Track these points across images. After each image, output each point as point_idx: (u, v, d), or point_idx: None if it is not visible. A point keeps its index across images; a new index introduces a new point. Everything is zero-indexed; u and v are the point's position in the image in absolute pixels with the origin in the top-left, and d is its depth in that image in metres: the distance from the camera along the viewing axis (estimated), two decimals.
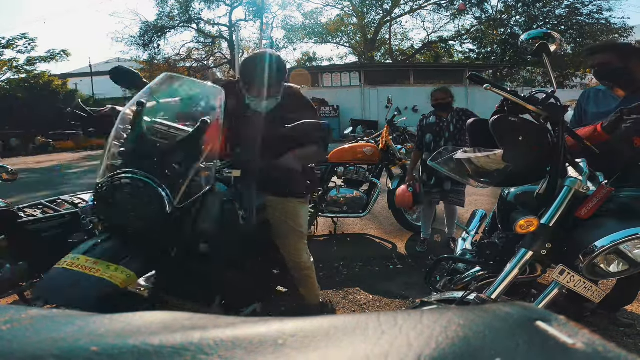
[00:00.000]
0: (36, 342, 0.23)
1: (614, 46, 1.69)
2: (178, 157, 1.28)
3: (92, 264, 1.13)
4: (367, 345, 0.22)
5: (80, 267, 1.12)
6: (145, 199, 1.19)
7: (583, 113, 1.81)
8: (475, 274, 1.52)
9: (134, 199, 1.18)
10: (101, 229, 1.35)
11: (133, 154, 1.26)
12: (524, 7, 21.21)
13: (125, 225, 1.21)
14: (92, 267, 1.13)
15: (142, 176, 1.19)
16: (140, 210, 1.19)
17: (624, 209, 1.16)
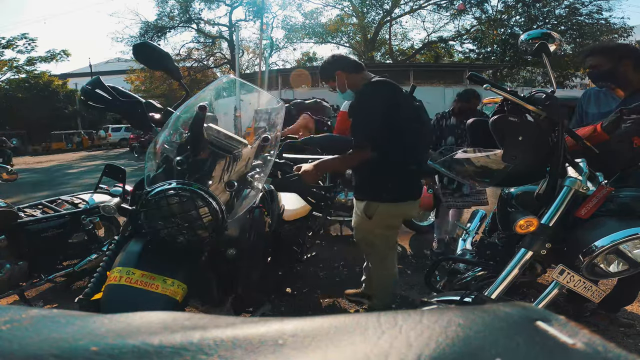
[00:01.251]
0: (36, 342, 0.23)
1: (602, 49, 1.69)
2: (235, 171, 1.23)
3: (149, 279, 1.09)
4: (367, 345, 0.22)
5: (140, 284, 1.07)
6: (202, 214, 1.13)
7: (584, 113, 1.82)
8: (475, 274, 1.52)
9: (191, 213, 1.12)
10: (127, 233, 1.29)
11: (192, 164, 1.17)
12: (524, 7, 21.21)
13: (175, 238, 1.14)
14: (151, 282, 1.08)
15: (202, 190, 1.13)
16: (196, 224, 1.13)
17: (624, 208, 1.16)
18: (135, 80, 27.14)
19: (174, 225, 1.12)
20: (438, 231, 3.22)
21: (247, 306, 1.63)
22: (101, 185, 2.97)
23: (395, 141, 1.61)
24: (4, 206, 2.17)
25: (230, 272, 1.40)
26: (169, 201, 1.11)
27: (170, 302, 1.08)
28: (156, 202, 1.12)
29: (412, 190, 1.83)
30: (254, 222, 1.43)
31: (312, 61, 28.62)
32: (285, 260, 1.95)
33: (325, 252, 3.26)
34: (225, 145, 1.22)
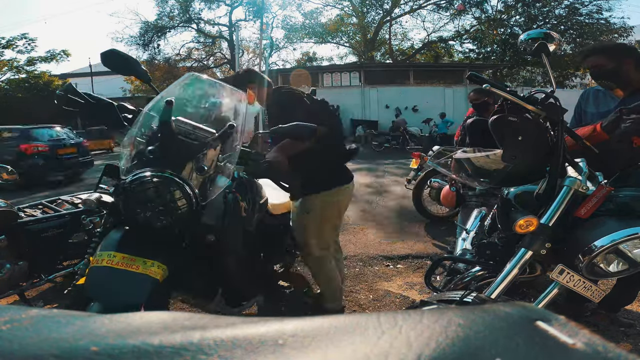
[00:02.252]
0: (36, 342, 0.23)
1: (604, 48, 1.70)
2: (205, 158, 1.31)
3: (129, 261, 1.14)
4: (367, 345, 0.22)
5: (121, 265, 1.13)
6: (176, 197, 1.20)
7: (582, 113, 1.82)
8: (475, 274, 1.52)
9: (166, 198, 1.20)
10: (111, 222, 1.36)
11: (163, 152, 1.26)
12: (524, 7, 21.20)
13: (153, 222, 1.20)
14: (131, 263, 1.14)
15: (174, 176, 1.21)
16: (171, 208, 1.20)
17: (624, 208, 1.16)
18: (135, 80, 27.15)
19: (150, 210, 1.19)
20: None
21: (237, 299, 1.65)
22: (101, 185, 2.97)
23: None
24: (4, 206, 2.17)
25: (215, 262, 1.45)
26: (144, 187, 1.18)
27: (151, 281, 1.13)
28: (132, 189, 1.18)
29: (340, 178, 1.95)
30: (228, 207, 1.48)
31: (312, 61, 28.62)
32: (276, 254, 2.02)
33: None
34: (192, 134, 1.31)
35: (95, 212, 2.65)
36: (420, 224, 4.01)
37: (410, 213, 4.47)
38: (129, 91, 30.00)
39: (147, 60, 24.12)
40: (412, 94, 15.95)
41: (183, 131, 1.31)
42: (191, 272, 1.42)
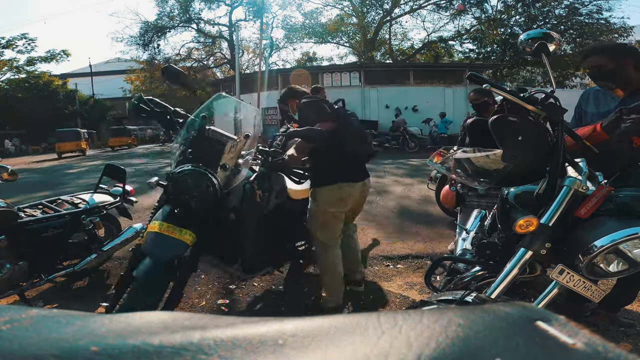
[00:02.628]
0: (36, 342, 0.23)
1: (603, 48, 1.70)
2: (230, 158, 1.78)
3: (170, 229, 1.60)
4: (367, 345, 0.22)
5: (165, 231, 1.59)
6: (206, 186, 1.66)
7: (583, 113, 1.82)
8: (475, 274, 1.52)
9: (198, 185, 1.65)
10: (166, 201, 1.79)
11: (198, 153, 1.74)
12: (524, 7, 21.20)
13: (189, 202, 1.65)
14: (172, 230, 1.60)
15: (205, 170, 1.68)
16: (202, 193, 1.65)
17: (624, 208, 1.16)
18: (135, 80, 27.14)
19: (186, 193, 1.65)
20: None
21: (252, 267, 2.09)
22: (101, 185, 2.97)
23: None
24: (4, 206, 2.17)
25: (234, 236, 1.92)
26: (184, 177, 1.66)
27: (183, 245, 1.61)
28: (176, 178, 1.66)
29: (346, 175, 2.17)
30: (245, 194, 1.95)
31: (312, 61, 28.62)
32: (294, 232, 2.41)
33: None
34: (220, 140, 1.78)
35: (95, 213, 2.65)
36: (420, 224, 4.01)
37: (410, 213, 4.48)
38: (128, 91, 30.00)
39: (147, 60, 24.08)
40: (412, 94, 15.94)
41: (213, 137, 1.77)
42: (216, 242, 1.88)
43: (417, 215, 4.35)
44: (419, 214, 4.43)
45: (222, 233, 1.88)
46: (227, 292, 2.57)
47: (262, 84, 16.34)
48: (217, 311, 2.33)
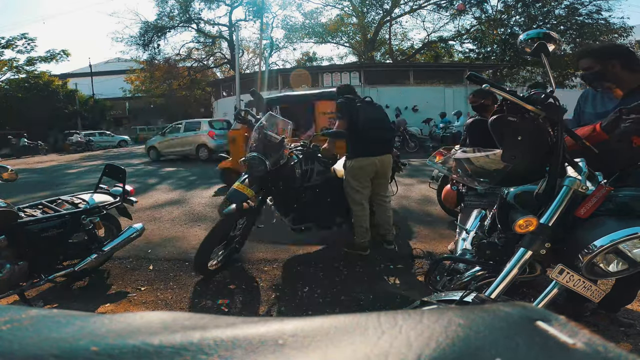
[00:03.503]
0: (36, 342, 0.23)
1: (590, 51, 1.70)
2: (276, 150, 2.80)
3: (242, 187, 2.69)
4: (367, 345, 0.22)
5: (238, 187, 2.69)
6: (260, 165, 2.69)
7: (581, 113, 1.82)
8: (474, 274, 1.52)
9: (256, 165, 2.70)
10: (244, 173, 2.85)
11: (260, 145, 2.76)
12: (524, 7, 21.20)
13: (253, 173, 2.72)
14: (243, 187, 2.69)
15: (262, 156, 2.70)
16: (257, 170, 2.70)
17: (623, 208, 1.16)
18: (135, 80, 27.15)
19: (252, 168, 2.71)
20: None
21: (298, 221, 3.13)
22: (101, 185, 2.97)
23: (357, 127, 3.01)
24: (4, 206, 2.17)
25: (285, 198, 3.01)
26: (251, 160, 2.70)
27: (244, 195, 2.65)
28: (247, 160, 2.72)
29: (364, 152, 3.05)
30: (286, 171, 2.90)
31: (312, 61, 28.61)
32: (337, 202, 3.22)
33: (325, 252, 3.26)
34: (272, 138, 2.81)
35: (95, 213, 2.65)
36: (420, 224, 4.01)
37: (410, 213, 4.48)
38: (128, 91, 30.00)
39: (147, 60, 24.07)
40: (412, 94, 15.94)
41: (268, 137, 2.80)
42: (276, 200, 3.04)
43: (417, 215, 4.35)
44: (419, 214, 4.43)
45: (277, 195, 2.98)
46: (227, 292, 2.57)
47: (262, 84, 16.33)
48: (217, 311, 2.33)
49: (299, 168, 3.00)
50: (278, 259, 3.15)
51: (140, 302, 2.45)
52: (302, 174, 3.03)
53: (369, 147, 3.03)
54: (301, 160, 3.06)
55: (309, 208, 3.09)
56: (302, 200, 3.04)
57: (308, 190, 3.09)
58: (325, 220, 3.26)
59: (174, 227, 4.12)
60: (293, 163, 2.96)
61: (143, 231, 2.96)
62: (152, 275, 2.87)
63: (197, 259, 2.62)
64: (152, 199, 5.78)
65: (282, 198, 2.99)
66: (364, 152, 3.03)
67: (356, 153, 3.05)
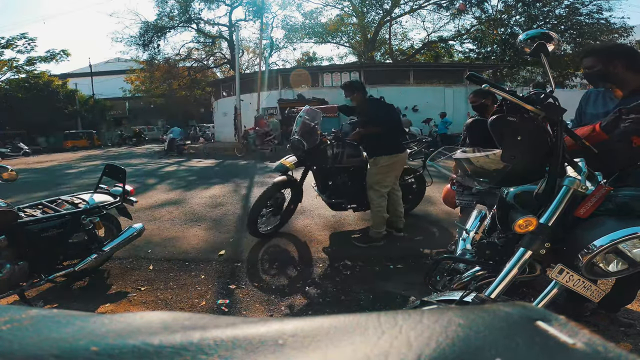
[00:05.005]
0: (36, 342, 0.23)
1: (593, 51, 1.70)
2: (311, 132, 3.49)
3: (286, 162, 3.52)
4: (367, 345, 0.22)
5: (284, 162, 3.52)
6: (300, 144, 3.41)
7: (582, 114, 1.82)
8: (474, 274, 1.52)
9: (298, 144, 3.42)
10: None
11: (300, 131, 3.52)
12: (524, 7, 21.19)
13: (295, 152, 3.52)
14: (286, 162, 3.50)
15: (299, 139, 3.42)
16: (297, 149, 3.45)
17: (623, 208, 1.16)
18: (135, 80, 27.14)
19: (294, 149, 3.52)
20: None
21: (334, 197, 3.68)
22: (101, 185, 2.97)
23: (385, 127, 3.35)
24: (4, 206, 2.17)
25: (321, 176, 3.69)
26: (293, 142, 3.49)
27: (286, 167, 3.49)
28: (291, 142, 3.54)
29: (397, 149, 3.40)
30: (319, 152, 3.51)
31: (312, 61, 28.62)
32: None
33: (325, 252, 3.26)
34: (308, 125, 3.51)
35: (95, 213, 2.65)
36: (420, 224, 4.02)
37: (410, 213, 4.48)
38: (128, 91, 29.99)
39: (147, 60, 24.06)
40: (412, 94, 15.94)
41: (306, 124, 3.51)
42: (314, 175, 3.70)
43: (417, 215, 4.35)
44: (419, 213, 4.43)
45: (315, 171, 3.64)
46: (227, 292, 2.57)
47: (262, 84, 16.32)
48: (217, 311, 2.33)
49: (330, 150, 3.54)
50: (278, 259, 3.15)
51: (140, 302, 2.45)
52: (333, 156, 3.54)
53: (400, 143, 3.49)
54: (333, 144, 3.56)
55: (342, 186, 3.65)
56: (335, 179, 3.63)
57: (341, 171, 3.63)
58: (354, 199, 3.70)
59: (173, 227, 4.12)
60: (324, 146, 3.52)
61: (143, 231, 2.96)
62: (152, 275, 2.87)
63: (250, 217, 3.36)
64: (152, 199, 5.78)
65: (319, 174, 3.65)
66: (398, 148, 3.40)
67: (390, 149, 3.35)
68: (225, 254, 3.26)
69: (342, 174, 3.64)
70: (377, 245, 3.35)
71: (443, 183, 3.84)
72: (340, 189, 3.65)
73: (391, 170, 3.39)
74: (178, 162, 11.90)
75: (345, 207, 3.74)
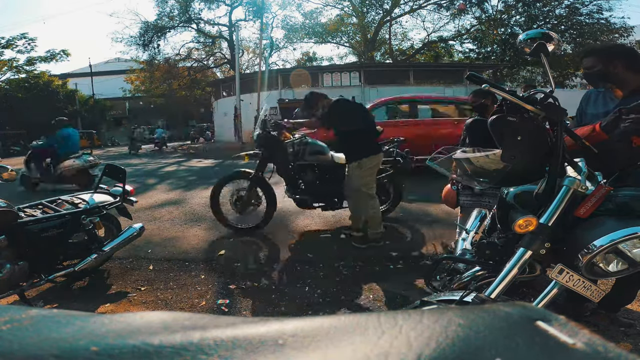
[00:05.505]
0: (36, 342, 0.23)
1: (593, 51, 1.70)
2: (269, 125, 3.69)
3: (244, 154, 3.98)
4: (367, 345, 0.22)
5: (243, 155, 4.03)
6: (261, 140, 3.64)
7: (583, 114, 1.82)
8: (474, 274, 1.52)
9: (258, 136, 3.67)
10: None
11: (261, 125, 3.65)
12: (524, 7, 21.19)
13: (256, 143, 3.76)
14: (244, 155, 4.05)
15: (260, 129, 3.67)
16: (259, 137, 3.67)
17: (623, 208, 1.16)
18: (135, 80, 27.14)
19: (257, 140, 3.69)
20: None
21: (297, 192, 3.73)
22: (101, 185, 2.97)
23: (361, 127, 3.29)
24: (4, 206, 2.17)
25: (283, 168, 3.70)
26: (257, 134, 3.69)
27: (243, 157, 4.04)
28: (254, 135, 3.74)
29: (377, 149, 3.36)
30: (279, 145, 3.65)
31: (312, 61, 28.61)
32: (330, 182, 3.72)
33: (325, 252, 3.26)
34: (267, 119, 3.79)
35: (95, 213, 2.65)
36: (420, 224, 4.02)
37: (410, 213, 4.47)
38: (128, 91, 29.98)
39: (147, 60, 24.06)
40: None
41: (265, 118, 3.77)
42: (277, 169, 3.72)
43: (417, 215, 4.35)
44: (419, 213, 4.43)
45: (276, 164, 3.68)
46: (227, 292, 2.57)
47: (262, 84, 16.32)
48: (217, 311, 2.33)
49: (291, 147, 3.69)
50: (278, 259, 3.15)
51: (140, 302, 2.45)
52: (294, 152, 3.69)
53: (375, 144, 3.39)
54: (293, 141, 3.70)
55: (307, 184, 3.71)
56: (298, 175, 3.72)
57: (305, 167, 3.71)
58: (320, 198, 3.76)
59: (173, 227, 4.12)
60: (287, 142, 3.66)
61: (143, 231, 2.96)
62: (152, 275, 2.87)
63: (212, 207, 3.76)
64: (152, 199, 5.78)
65: (280, 170, 3.69)
66: (374, 149, 3.34)
67: (368, 151, 3.29)
68: (225, 254, 3.26)
69: (306, 171, 3.71)
70: (377, 245, 3.32)
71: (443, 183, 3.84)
72: (306, 187, 3.70)
73: (375, 171, 3.37)
74: (178, 162, 11.91)
75: (311, 204, 3.77)
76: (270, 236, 3.63)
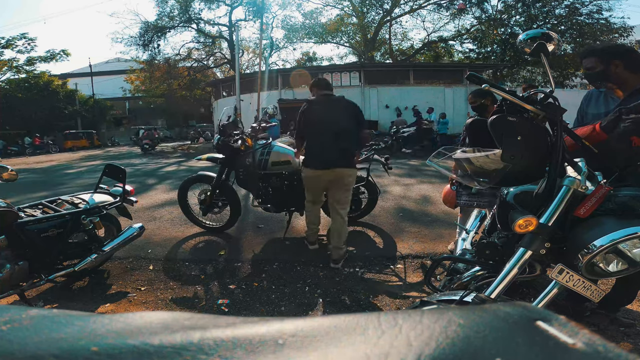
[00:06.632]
0: (36, 342, 0.23)
1: (593, 51, 1.70)
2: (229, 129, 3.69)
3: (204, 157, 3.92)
4: (367, 345, 0.22)
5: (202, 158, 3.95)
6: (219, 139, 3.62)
7: (584, 114, 1.82)
8: (474, 274, 1.52)
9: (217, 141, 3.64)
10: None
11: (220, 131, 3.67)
12: (524, 7, 21.18)
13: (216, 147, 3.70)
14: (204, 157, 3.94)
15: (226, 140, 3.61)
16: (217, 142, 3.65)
17: (623, 208, 1.16)
18: (135, 80, 27.14)
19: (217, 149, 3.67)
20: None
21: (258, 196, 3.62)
22: (101, 185, 2.97)
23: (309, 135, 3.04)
24: (4, 206, 2.17)
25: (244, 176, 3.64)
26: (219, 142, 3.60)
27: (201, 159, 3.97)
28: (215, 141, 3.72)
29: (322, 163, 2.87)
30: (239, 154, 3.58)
31: (312, 61, 28.61)
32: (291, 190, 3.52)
33: (325, 252, 3.26)
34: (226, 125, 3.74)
35: (95, 213, 2.65)
36: (420, 224, 4.02)
37: (410, 213, 4.48)
38: (128, 91, 29.98)
39: (147, 60, 24.05)
40: (412, 94, 15.94)
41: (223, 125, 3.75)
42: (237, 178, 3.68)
43: (416, 215, 4.35)
44: (418, 213, 4.43)
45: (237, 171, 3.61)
46: (227, 292, 2.57)
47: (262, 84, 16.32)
48: (217, 311, 2.33)
49: (251, 157, 3.51)
50: (278, 259, 3.15)
51: (140, 302, 2.45)
52: (258, 161, 3.51)
53: (317, 157, 2.87)
54: (255, 149, 3.55)
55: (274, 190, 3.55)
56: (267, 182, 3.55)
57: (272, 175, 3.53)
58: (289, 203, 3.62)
59: (173, 227, 4.12)
60: (248, 152, 3.55)
61: (143, 231, 2.96)
62: (152, 275, 2.87)
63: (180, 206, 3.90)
64: (152, 199, 5.78)
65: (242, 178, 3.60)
66: (311, 162, 2.90)
67: (304, 162, 2.98)
68: (225, 254, 3.26)
69: (273, 178, 3.52)
70: (310, 247, 3.31)
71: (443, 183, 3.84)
72: (275, 194, 3.53)
73: (308, 186, 3.08)
74: (178, 162, 11.90)
75: (282, 210, 3.64)
76: (270, 236, 3.63)
